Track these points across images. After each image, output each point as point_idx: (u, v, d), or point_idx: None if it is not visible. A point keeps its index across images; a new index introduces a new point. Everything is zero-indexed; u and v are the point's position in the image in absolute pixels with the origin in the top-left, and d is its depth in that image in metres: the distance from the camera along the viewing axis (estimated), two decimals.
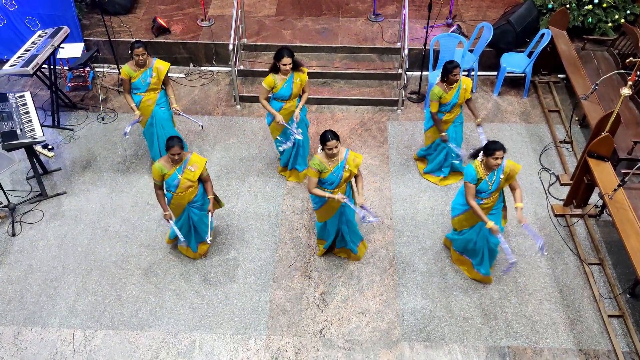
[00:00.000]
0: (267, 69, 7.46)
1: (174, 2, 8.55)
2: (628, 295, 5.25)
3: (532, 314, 5.13)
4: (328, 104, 7.37)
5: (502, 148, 4.56)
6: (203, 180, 5.08)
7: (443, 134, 5.86)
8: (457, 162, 6.18)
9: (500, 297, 5.26)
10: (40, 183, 6.13)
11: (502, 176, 4.69)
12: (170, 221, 5.13)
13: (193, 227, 5.30)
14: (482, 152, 4.67)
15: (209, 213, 5.15)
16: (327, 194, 4.75)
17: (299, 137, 5.80)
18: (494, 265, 5.42)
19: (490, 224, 4.66)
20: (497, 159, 4.56)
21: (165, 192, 5.05)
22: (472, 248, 5.17)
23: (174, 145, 4.71)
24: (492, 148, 4.56)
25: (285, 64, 5.51)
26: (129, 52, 5.68)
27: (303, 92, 5.85)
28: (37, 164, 6.13)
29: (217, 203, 5.34)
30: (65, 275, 5.48)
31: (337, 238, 5.41)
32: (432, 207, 6.08)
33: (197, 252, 5.53)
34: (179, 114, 5.94)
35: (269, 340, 4.97)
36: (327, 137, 4.64)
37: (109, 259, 5.62)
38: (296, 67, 5.62)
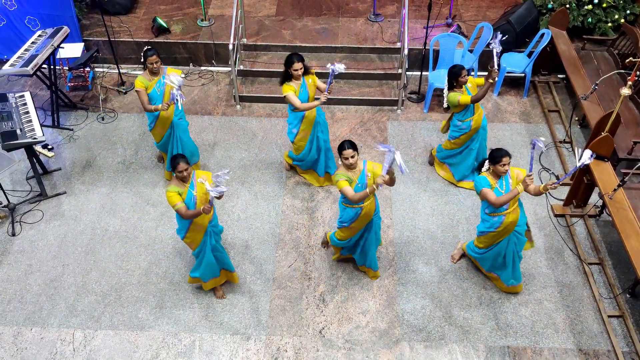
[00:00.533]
0: (266, 69, 7.61)
1: (174, 2, 8.55)
2: (628, 295, 5.25)
3: (532, 314, 5.13)
4: (328, 104, 7.35)
5: (508, 154, 4.61)
6: None
7: (493, 69, 5.52)
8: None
9: (500, 297, 5.26)
10: (40, 183, 6.13)
11: (510, 181, 4.72)
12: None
13: (215, 256, 5.00)
14: (487, 161, 4.71)
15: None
16: (367, 190, 4.58)
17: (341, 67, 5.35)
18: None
19: (520, 187, 4.50)
20: (504, 165, 4.60)
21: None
22: (500, 262, 5.09)
23: (180, 163, 4.58)
24: (499, 155, 4.60)
25: (297, 69, 5.51)
26: (142, 60, 5.56)
27: (318, 89, 5.83)
28: (37, 164, 6.13)
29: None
30: (65, 275, 5.48)
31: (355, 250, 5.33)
32: (432, 207, 6.08)
33: (234, 274, 5.24)
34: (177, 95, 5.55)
35: (269, 340, 4.97)
36: (344, 146, 4.63)
37: (109, 259, 5.62)
38: (306, 70, 5.63)
